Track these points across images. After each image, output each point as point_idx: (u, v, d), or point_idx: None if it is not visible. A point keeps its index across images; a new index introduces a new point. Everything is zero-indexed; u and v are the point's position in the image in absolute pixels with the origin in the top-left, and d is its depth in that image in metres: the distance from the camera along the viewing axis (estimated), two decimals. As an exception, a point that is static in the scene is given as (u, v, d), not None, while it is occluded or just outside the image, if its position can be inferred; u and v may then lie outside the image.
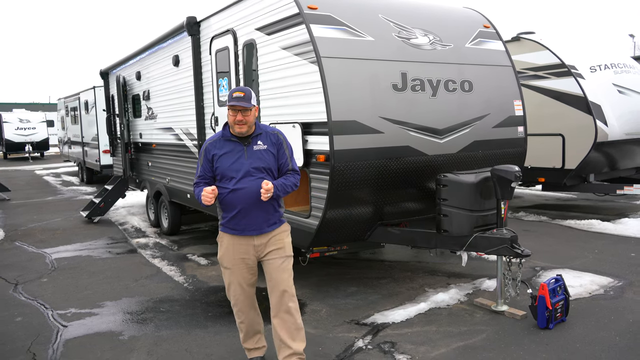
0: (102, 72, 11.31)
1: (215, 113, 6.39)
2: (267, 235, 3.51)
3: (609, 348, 3.93)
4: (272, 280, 3.52)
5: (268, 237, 3.51)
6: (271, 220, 3.52)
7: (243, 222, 3.46)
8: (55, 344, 4.34)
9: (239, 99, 3.36)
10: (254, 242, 3.50)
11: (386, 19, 5.10)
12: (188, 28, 6.73)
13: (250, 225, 3.46)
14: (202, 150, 3.53)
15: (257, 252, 3.52)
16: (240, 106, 3.35)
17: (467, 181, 4.62)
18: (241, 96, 3.37)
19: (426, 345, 4.09)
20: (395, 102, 4.83)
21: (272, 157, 3.49)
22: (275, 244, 3.53)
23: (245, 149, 3.45)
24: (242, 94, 3.38)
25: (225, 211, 3.52)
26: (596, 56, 8.77)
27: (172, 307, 5.15)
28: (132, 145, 9.86)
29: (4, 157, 30.35)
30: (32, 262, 7.09)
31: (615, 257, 6.35)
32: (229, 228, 3.53)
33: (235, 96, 3.37)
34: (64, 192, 14.77)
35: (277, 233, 3.55)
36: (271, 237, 3.52)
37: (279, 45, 5.00)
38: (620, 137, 8.32)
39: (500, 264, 4.67)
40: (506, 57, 5.84)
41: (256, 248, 3.51)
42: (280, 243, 3.54)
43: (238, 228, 3.48)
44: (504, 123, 5.60)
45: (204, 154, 3.51)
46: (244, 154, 3.45)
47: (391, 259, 6.65)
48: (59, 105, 21.94)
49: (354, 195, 4.72)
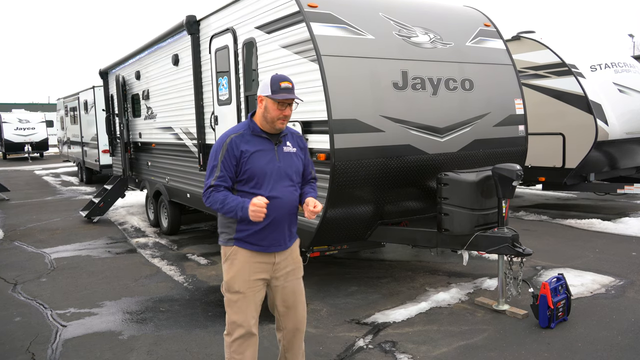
0: (101, 71, 11.29)
1: (215, 112, 6.37)
2: (287, 251, 2.98)
3: (611, 347, 3.91)
4: (291, 309, 3.01)
5: (288, 253, 2.99)
6: (293, 231, 3.02)
7: (271, 237, 2.88)
8: (54, 344, 4.31)
9: (289, 90, 2.82)
10: (274, 260, 2.93)
11: (386, 17, 5.08)
12: (187, 27, 6.70)
13: (277, 241, 2.91)
14: (225, 144, 2.84)
15: (274, 271, 2.96)
16: (291, 99, 2.84)
17: (468, 180, 4.60)
18: (290, 87, 2.84)
19: (427, 344, 4.07)
20: (395, 101, 4.81)
21: (300, 163, 3.00)
22: (294, 262, 3.03)
23: (276, 149, 2.91)
24: (290, 84, 2.85)
25: (246, 222, 2.84)
26: (597, 55, 8.75)
27: (172, 306, 5.13)
28: (131, 144, 9.84)
29: (4, 158, 30.30)
30: (31, 261, 7.07)
31: (616, 257, 6.33)
32: (249, 243, 2.88)
33: (284, 87, 2.81)
34: (63, 192, 14.74)
35: (295, 248, 3.06)
36: (290, 253, 3.01)
37: (279, 43, 4.98)
38: (621, 136, 8.31)
39: (502, 263, 4.65)
40: (507, 55, 5.82)
41: (275, 267, 2.95)
42: (298, 261, 3.06)
43: (263, 244, 2.88)
44: (505, 122, 5.58)
45: (227, 148, 2.83)
46: (274, 154, 2.89)
47: (391, 258, 6.63)
48: (58, 105, 21.92)
49: (354, 194, 4.70)
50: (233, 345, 2.92)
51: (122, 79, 9.75)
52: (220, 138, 2.93)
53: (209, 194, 2.85)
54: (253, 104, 5.55)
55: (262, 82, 2.90)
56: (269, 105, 2.84)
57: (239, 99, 5.78)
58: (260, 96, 2.87)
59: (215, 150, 2.89)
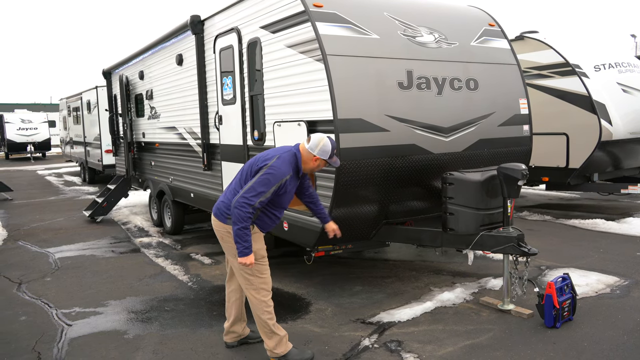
0: (104, 71, 11.31)
1: (219, 112, 6.37)
2: None
3: (617, 347, 3.91)
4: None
5: None
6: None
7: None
8: (60, 343, 4.32)
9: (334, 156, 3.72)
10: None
11: (391, 17, 5.08)
12: (192, 27, 6.71)
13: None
14: (282, 181, 3.54)
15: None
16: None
17: (473, 179, 4.59)
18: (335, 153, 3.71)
19: (433, 343, 4.07)
20: (400, 100, 4.81)
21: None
22: None
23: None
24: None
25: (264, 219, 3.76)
26: (600, 55, 8.74)
27: (177, 306, 5.13)
28: (134, 144, 9.85)
29: (6, 158, 30.36)
30: (36, 261, 7.08)
31: (620, 256, 6.33)
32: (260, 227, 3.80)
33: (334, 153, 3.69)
34: (66, 192, 14.76)
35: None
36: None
37: (284, 43, 4.98)
38: (625, 136, 8.30)
39: (507, 262, 4.65)
40: (511, 55, 5.82)
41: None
42: None
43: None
44: (510, 121, 5.58)
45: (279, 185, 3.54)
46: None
47: (396, 258, 6.63)
48: (61, 105, 21.95)
49: (359, 194, 4.70)
50: (265, 299, 3.69)
51: (126, 78, 9.76)
52: (280, 170, 3.53)
53: (248, 214, 3.43)
54: (257, 104, 5.56)
55: (320, 148, 3.63)
56: (321, 164, 3.71)
57: (244, 99, 5.78)
58: (317, 157, 3.65)
59: (272, 179, 3.50)
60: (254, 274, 3.68)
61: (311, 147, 3.62)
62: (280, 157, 3.58)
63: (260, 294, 3.70)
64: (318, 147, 3.62)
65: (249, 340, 4.16)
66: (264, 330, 3.74)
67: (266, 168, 3.51)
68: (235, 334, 4.11)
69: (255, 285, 3.70)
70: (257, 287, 3.70)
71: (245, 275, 3.70)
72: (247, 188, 3.46)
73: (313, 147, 3.62)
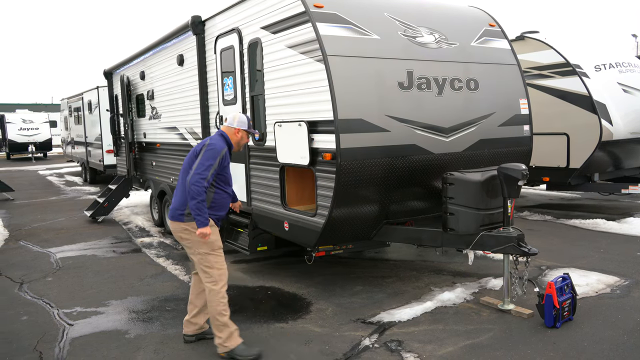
0: (105, 72, 11.32)
1: (220, 112, 6.38)
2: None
3: (617, 347, 3.91)
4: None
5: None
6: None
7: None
8: (61, 342, 4.34)
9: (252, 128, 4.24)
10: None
11: (392, 17, 5.09)
12: (193, 27, 6.72)
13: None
14: (221, 153, 3.95)
15: None
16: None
17: (473, 179, 4.60)
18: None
19: (433, 343, 4.08)
20: (401, 101, 4.82)
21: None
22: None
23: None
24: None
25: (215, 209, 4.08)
26: (601, 55, 8.74)
27: (178, 305, 5.14)
28: (136, 144, 9.87)
29: (7, 158, 30.39)
30: (37, 261, 7.10)
31: (621, 256, 6.33)
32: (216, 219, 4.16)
33: (250, 124, 4.23)
34: (67, 192, 14.79)
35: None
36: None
37: (285, 43, 4.99)
38: (625, 136, 8.30)
39: (507, 262, 4.66)
40: (512, 55, 5.83)
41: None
42: None
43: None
44: (510, 122, 5.59)
45: (223, 158, 3.97)
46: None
47: (396, 258, 6.64)
48: (62, 105, 21.97)
49: (360, 194, 4.71)
50: (222, 291, 3.96)
51: (127, 79, 9.78)
52: (217, 144, 3.98)
53: (203, 188, 3.81)
54: (258, 104, 5.57)
55: (237, 120, 4.15)
56: (244, 136, 4.22)
57: (245, 99, 5.80)
58: (238, 129, 4.15)
59: (214, 153, 3.92)
60: (212, 266, 3.96)
61: (230, 122, 4.17)
62: (211, 137, 4.10)
63: (217, 285, 3.95)
64: (235, 120, 4.17)
65: (207, 335, 4.28)
66: (216, 323, 3.95)
67: (205, 146, 3.95)
68: (197, 325, 4.26)
69: (214, 277, 3.96)
70: (215, 280, 3.96)
71: (204, 269, 3.97)
72: (197, 165, 3.86)
73: (232, 122, 4.17)
